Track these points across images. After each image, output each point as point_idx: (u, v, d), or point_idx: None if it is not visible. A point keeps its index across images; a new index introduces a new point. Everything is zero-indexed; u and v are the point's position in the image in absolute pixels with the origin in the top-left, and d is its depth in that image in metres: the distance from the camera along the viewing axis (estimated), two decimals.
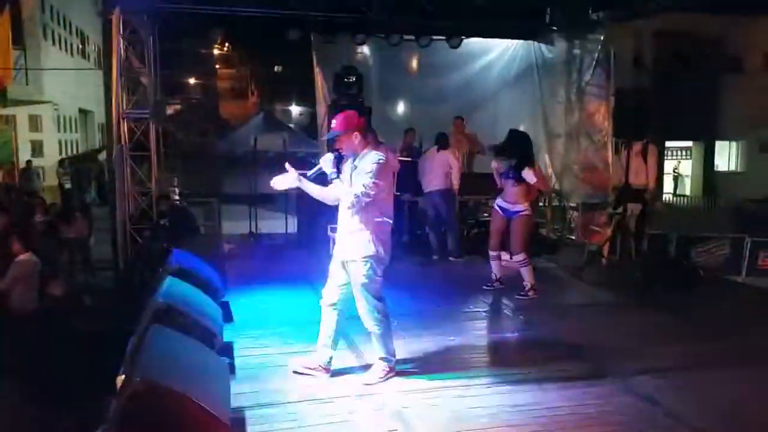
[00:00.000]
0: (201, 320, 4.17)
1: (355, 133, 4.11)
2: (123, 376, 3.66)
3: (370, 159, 4.07)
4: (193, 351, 3.61)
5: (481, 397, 3.98)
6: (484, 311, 6.10)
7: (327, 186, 4.23)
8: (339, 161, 4.24)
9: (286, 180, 4.15)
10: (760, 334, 5.32)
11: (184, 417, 2.94)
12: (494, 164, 6.59)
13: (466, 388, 4.13)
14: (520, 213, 6.26)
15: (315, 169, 4.26)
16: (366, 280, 4.14)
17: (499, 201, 6.44)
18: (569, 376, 4.35)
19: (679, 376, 4.41)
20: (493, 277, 6.56)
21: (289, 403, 3.88)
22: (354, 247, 4.16)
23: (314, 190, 4.24)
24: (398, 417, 3.71)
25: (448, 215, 8.20)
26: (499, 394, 4.01)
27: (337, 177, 4.20)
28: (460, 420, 3.67)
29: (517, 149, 6.29)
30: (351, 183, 4.12)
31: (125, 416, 2.90)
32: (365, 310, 4.18)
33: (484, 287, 6.54)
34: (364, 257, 4.12)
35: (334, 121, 4.27)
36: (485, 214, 8.76)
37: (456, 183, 8.16)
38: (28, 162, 17.22)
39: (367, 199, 4.05)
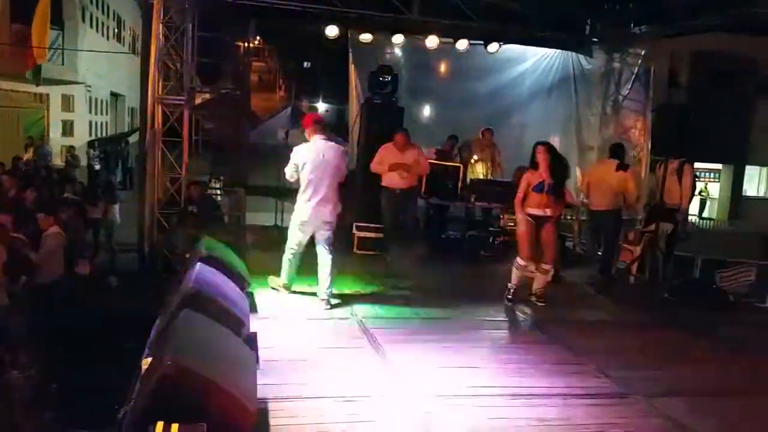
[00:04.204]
0: (229, 308, 4.16)
1: (307, 128, 5.86)
2: (149, 359, 3.66)
3: (299, 147, 5.78)
4: (222, 338, 3.59)
5: (506, 408, 3.92)
6: (508, 321, 6.01)
7: None
8: None
9: None
10: None
11: (212, 402, 2.92)
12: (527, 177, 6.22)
13: (491, 397, 4.07)
14: (552, 218, 6.15)
15: None
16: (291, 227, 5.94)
17: (529, 210, 6.15)
18: (594, 393, 4.28)
19: (706, 400, 4.32)
20: (513, 290, 6.33)
21: (312, 398, 3.85)
22: None
23: None
24: (421, 421, 3.66)
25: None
26: (525, 407, 3.94)
27: None
28: (485, 430, 3.62)
29: (558, 165, 6.17)
30: None
31: (153, 398, 2.88)
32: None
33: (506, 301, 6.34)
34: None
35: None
36: (510, 223, 8.66)
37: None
38: (43, 138, 17.45)
39: (286, 173, 5.82)
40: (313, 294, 5.98)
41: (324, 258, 5.86)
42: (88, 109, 21.76)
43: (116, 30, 24.92)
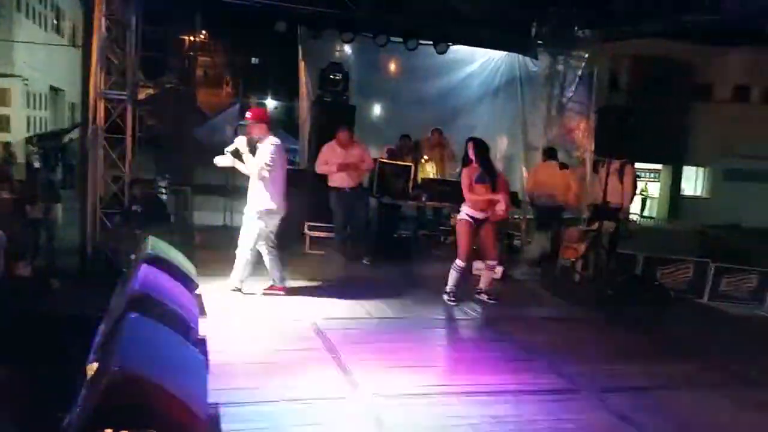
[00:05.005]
0: (178, 311, 4.04)
1: (262, 124, 5.95)
2: (95, 364, 3.53)
3: (270, 142, 5.90)
4: (170, 342, 3.49)
5: (460, 407, 3.95)
6: (459, 319, 6.06)
7: (242, 161, 5.91)
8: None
9: (223, 160, 5.95)
10: (730, 356, 5.41)
11: (162, 409, 2.83)
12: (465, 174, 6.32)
13: (444, 396, 4.09)
14: (490, 216, 6.26)
15: (232, 146, 5.90)
16: (261, 225, 5.94)
17: (468, 211, 6.27)
18: (544, 389, 4.36)
19: (651, 394, 4.45)
20: (452, 291, 6.35)
21: (265, 402, 3.79)
22: (254, 204, 5.94)
23: (240, 166, 5.95)
24: (376, 422, 3.65)
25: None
26: (478, 404, 3.98)
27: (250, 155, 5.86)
28: (440, 429, 3.64)
29: (487, 156, 6.35)
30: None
31: (100, 408, 2.78)
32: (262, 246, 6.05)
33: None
34: (258, 211, 5.92)
35: (249, 113, 6.18)
36: None
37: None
38: None
39: (268, 169, 5.83)
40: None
41: (268, 252, 6.08)
42: (26, 103, 20.85)
43: (55, 21, 23.98)
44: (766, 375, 4.95)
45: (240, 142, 5.89)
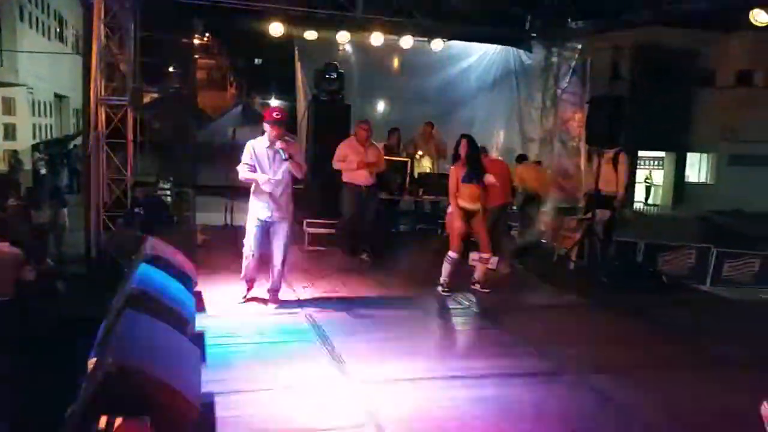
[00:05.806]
0: (174, 307, 4.22)
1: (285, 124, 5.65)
2: (95, 359, 3.72)
3: (298, 145, 5.82)
4: (165, 336, 3.67)
5: (447, 389, 4.11)
6: (452, 309, 6.20)
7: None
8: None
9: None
10: (714, 339, 5.52)
11: (156, 398, 3.01)
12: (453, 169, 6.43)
13: (431, 380, 4.25)
14: (481, 210, 6.38)
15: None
16: (288, 233, 5.78)
17: (462, 203, 6.32)
18: (529, 372, 4.51)
19: (634, 375, 4.57)
20: (446, 283, 6.49)
21: (258, 390, 3.96)
22: (289, 208, 5.74)
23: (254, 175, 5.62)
24: (365, 407, 3.81)
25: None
26: (464, 388, 4.14)
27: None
28: (426, 410, 3.79)
29: (477, 155, 6.44)
30: (273, 162, 5.56)
31: (97, 397, 2.95)
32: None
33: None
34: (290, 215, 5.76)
35: (278, 113, 5.68)
36: None
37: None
38: None
39: None
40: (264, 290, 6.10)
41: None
42: (31, 111, 21.14)
43: (58, 29, 24.25)
44: (755, 358, 5.02)
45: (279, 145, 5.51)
